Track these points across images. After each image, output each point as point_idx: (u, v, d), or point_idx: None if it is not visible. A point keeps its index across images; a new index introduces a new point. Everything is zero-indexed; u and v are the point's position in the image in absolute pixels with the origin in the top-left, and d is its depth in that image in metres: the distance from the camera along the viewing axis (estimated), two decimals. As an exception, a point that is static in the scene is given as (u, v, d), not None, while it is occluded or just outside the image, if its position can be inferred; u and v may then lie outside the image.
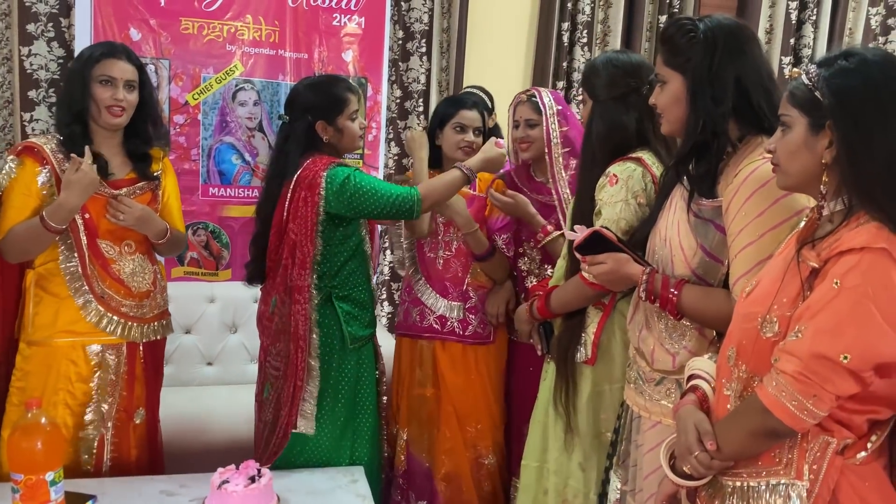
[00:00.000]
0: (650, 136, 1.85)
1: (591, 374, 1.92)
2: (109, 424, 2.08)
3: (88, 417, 2.04)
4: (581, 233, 1.67)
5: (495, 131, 2.48)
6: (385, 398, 2.37)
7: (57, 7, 3.02)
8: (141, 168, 2.13)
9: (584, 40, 3.59)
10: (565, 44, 3.57)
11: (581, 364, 1.93)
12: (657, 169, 1.81)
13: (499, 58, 3.60)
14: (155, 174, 2.17)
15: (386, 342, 2.58)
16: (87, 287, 2.02)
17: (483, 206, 2.42)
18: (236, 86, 3.15)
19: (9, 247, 1.96)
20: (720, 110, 1.47)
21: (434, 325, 2.42)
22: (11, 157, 2.00)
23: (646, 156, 1.83)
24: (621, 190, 1.79)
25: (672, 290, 1.52)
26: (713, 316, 1.48)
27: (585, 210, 1.87)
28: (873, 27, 3.90)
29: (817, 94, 1.17)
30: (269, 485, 1.88)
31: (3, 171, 1.97)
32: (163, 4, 3.02)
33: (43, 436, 1.59)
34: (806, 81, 1.20)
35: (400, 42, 3.42)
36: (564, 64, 3.59)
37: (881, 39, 3.92)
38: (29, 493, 1.57)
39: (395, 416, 2.49)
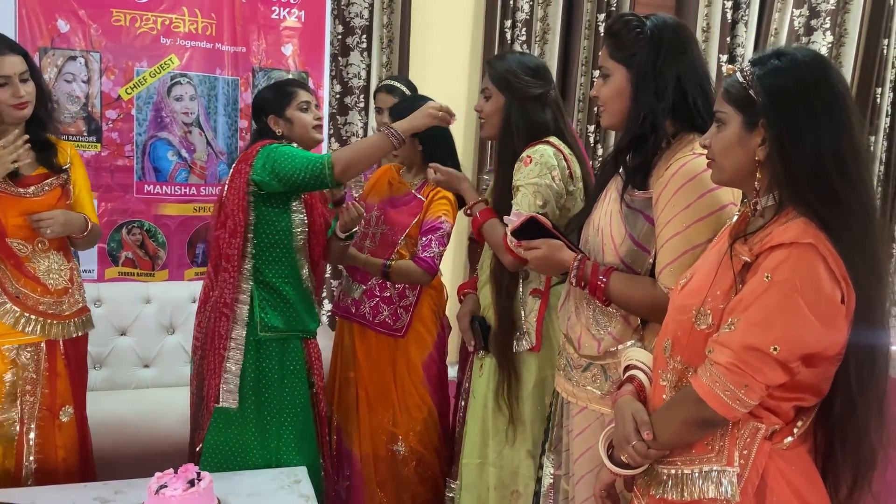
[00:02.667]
0: (565, 131, 2.00)
1: (536, 361, 1.98)
2: (33, 425, 2.03)
3: (4, 415, 1.99)
4: (518, 218, 1.70)
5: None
6: (319, 407, 2.33)
7: (-23, -4, 2.89)
8: (47, 158, 2.09)
9: (524, 38, 3.62)
10: (507, 41, 3.60)
11: (524, 353, 1.98)
12: (566, 150, 1.94)
13: (442, 54, 3.61)
14: (63, 167, 2.12)
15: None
16: None
17: (419, 208, 2.41)
18: (172, 80, 3.06)
19: None
20: (661, 105, 1.53)
21: (349, 307, 2.48)
22: None
23: (554, 139, 1.94)
24: (535, 167, 1.89)
25: (601, 276, 1.56)
26: (638, 302, 1.54)
27: (506, 198, 1.93)
28: (797, 28, 4.06)
29: (751, 92, 1.21)
30: (209, 488, 1.84)
31: None
32: (92, -5, 2.92)
33: (-34, 445, 1.52)
34: (740, 79, 1.23)
35: (340, 37, 3.39)
36: (506, 61, 3.62)
37: (804, 40, 4.08)
38: (-49, 505, 1.50)
39: (331, 397, 2.52)
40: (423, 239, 2.37)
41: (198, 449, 2.20)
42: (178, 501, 1.77)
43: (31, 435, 2.04)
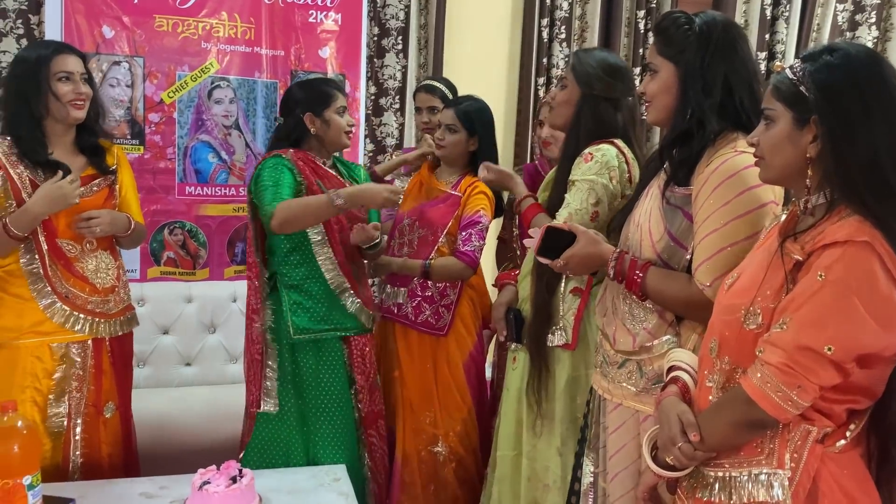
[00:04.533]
0: (633, 137, 1.98)
1: (570, 359, 1.97)
2: (79, 420, 2.08)
3: (53, 410, 2.04)
4: (536, 236, 1.69)
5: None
6: (363, 411, 2.34)
7: (26, 4, 2.96)
8: (97, 162, 2.14)
9: (563, 36, 3.61)
10: (545, 40, 3.59)
11: (558, 349, 1.98)
12: (629, 154, 1.92)
13: (478, 54, 3.60)
14: (111, 168, 2.17)
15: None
16: (49, 288, 2.02)
17: (456, 203, 2.42)
18: (212, 83, 3.11)
19: None
20: (708, 102, 1.53)
21: (391, 308, 2.49)
22: None
23: (619, 141, 1.92)
24: (595, 165, 1.87)
25: (637, 271, 1.56)
26: (673, 298, 1.54)
27: (565, 192, 1.93)
28: (840, 23, 3.96)
29: (802, 88, 1.19)
30: (250, 485, 1.86)
31: None
32: (136, 2, 2.98)
33: (19, 439, 1.56)
34: (791, 76, 1.21)
35: (376, 38, 3.41)
36: (544, 60, 3.60)
37: (848, 35, 3.98)
38: (6, 497, 1.54)
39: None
40: (463, 233, 2.38)
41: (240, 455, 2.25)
42: (221, 497, 1.80)
43: (78, 430, 2.08)
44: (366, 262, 2.42)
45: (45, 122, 2.03)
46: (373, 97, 3.44)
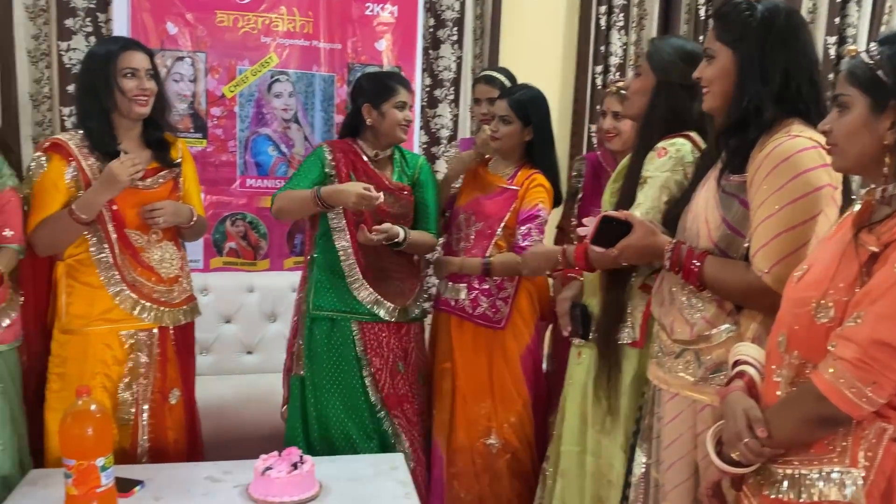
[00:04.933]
0: (708, 128, 1.87)
1: (637, 357, 1.94)
2: (146, 406, 2.14)
3: (124, 397, 2.11)
4: (591, 225, 1.67)
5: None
6: (382, 392, 2.37)
7: (94, 2, 3.06)
8: (162, 156, 2.20)
9: (621, 24, 3.54)
10: (602, 28, 3.53)
11: (626, 346, 1.94)
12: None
13: (533, 44, 3.57)
14: (175, 161, 2.23)
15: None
16: (118, 276, 2.08)
17: (513, 197, 2.41)
18: (272, 77, 3.16)
19: (38, 240, 2.03)
20: (766, 90, 1.50)
21: (448, 300, 2.50)
22: (38, 153, 2.06)
23: (694, 135, 1.86)
24: (668, 160, 1.82)
25: (695, 260, 1.54)
26: (732, 286, 1.52)
27: (635, 187, 1.88)
28: (915, 6, 3.79)
29: (880, 73, 1.15)
30: (311, 471, 1.90)
31: (32, 168, 2.04)
32: (198, -3, 3.05)
33: (93, 422, 1.63)
34: (867, 60, 1.17)
35: (431, 30, 3.41)
36: (602, 48, 3.55)
37: (923, 19, 3.81)
38: (81, 477, 1.61)
39: (429, 388, 2.57)
40: (523, 228, 2.38)
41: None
42: (283, 483, 1.84)
43: (145, 416, 2.15)
44: (412, 256, 2.47)
45: (113, 116, 2.09)
46: (428, 88, 3.44)
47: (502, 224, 2.40)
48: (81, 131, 2.09)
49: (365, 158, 2.37)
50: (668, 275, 1.66)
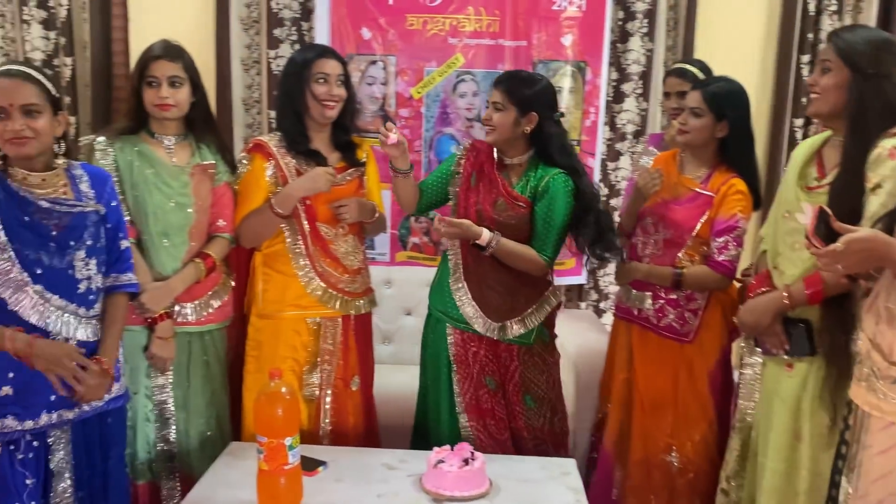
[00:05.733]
0: None
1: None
2: (329, 391, 2.28)
3: (308, 380, 2.25)
4: (811, 213, 1.50)
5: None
6: (464, 399, 2.28)
7: (300, 12, 3.29)
8: (349, 156, 2.31)
9: (833, 7, 3.21)
10: (811, 13, 3.22)
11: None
12: None
13: (733, 33, 3.34)
14: (361, 161, 2.34)
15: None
16: (310, 265, 2.23)
17: (708, 204, 2.23)
18: (457, 77, 3.22)
19: (243, 232, 2.23)
20: None
21: (631, 309, 2.37)
22: (243, 153, 2.26)
23: None
24: None
25: None
26: None
27: (854, 190, 1.67)
28: None
29: None
30: (482, 468, 1.91)
31: (238, 167, 2.25)
32: (391, 3, 3.16)
33: (283, 404, 1.75)
34: None
35: (620, 23, 3.29)
36: (810, 36, 3.24)
37: None
38: (271, 454, 1.73)
39: (607, 395, 2.48)
40: (719, 240, 2.20)
41: None
42: (454, 477, 1.87)
43: (328, 400, 2.29)
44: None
45: (306, 118, 2.23)
46: (614, 83, 3.34)
47: (693, 234, 2.23)
48: (280, 133, 2.26)
49: (495, 160, 2.27)
50: (886, 291, 1.48)
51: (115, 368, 1.82)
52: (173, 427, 2.17)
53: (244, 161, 2.24)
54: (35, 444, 1.72)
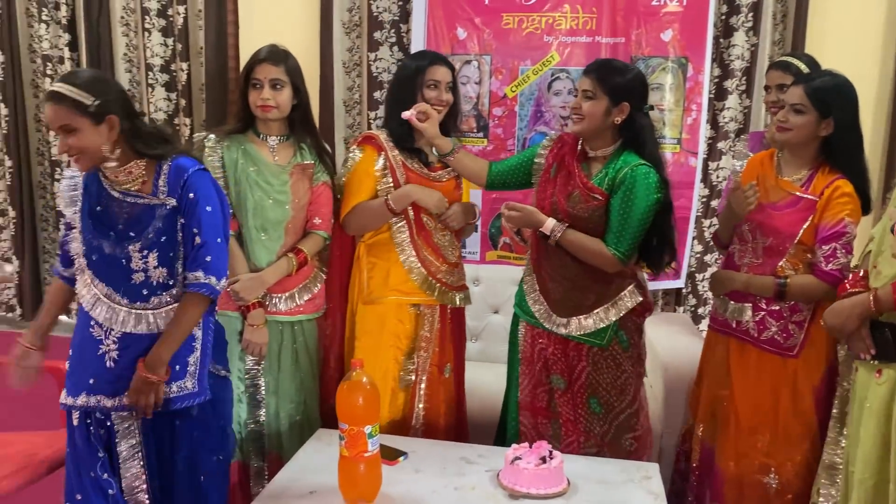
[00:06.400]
0: None
1: None
2: (424, 377, 2.36)
3: (406, 366, 2.34)
4: None
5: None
6: (521, 391, 2.29)
7: (398, 14, 3.38)
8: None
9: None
10: (939, 2, 3.00)
11: None
12: None
13: (846, 26, 3.15)
14: None
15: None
16: (414, 253, 2.32)
17: (811, 209, 2.09)
18: (552, 76, 3.21)
19: (352, 221, 2.33)
20: None
21: (728, 321, 2.25)
22: (354, 146, 2.36)
23: None
24: None
25: None
26: None
27: None
28: None
29: None
30: (559, 467, 1.90)
31: (349, 158, 2.35)
32: (486, 2, 3.20)
33: (364, 393, 1.80)
34: None
35: (723, 17, 3.18)
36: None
37: None
38: (351, 441, 1.79)
39: (695, 409, 2.39)
40: (825, 248, 2.05)
41: None
42: (531, 475, 1.87)
43: (422, 386, 2.37)
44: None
45: None
46: (716, 80, 3.23)
47: (795, 241, 2.10)
48: (387, 130, 2.34)
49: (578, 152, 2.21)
50: None
51: (174, 369, 1.81)
52: (263, 409, 2.31)
53: (355, 152, 2.33)
54: (104, 422, 1.84)
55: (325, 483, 1.89)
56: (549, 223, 2.12)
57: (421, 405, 2.36)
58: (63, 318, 2.04)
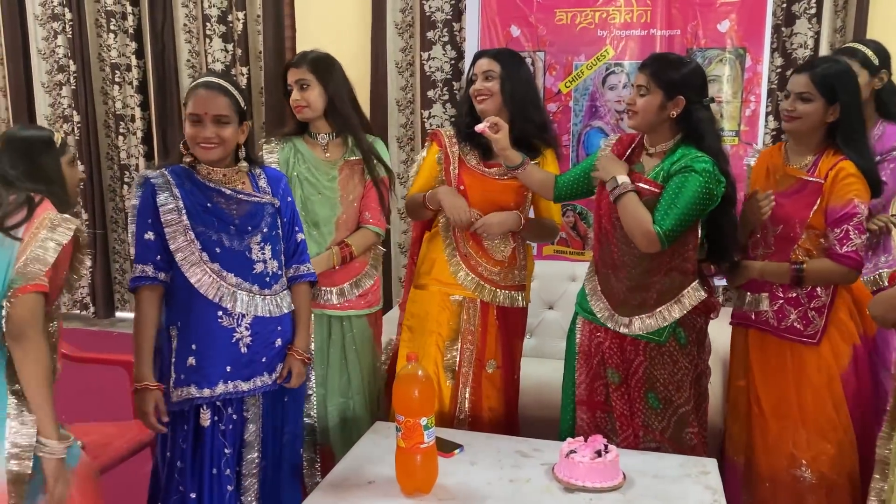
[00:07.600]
0: None
1: None
2: (467, 370, 2.37)
3: (448, 355, 2.36)
4: None
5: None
6: (578, 386, 2.26)
7: (451, 14, 3.41)
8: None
9: None
10: None
11: None
12: None
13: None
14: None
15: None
16: (455, 245, 2.37)
17: (817, 191, 2.06)
18: (606, 70, 3.19)
19: (407, 207, 2.47)
20: None
21: (747, 312, 2.23)
22: (427, 140, 2.46)
23: None
24: None
25: None
26: None
27: None
28: None
29: None
30: (615, 461, 1.89)
31: (423, 151, 2.47)
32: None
33: (419, 385, 1.83)
34: None
35: (784, 5, 3.10)
36: None
37: None
38: (407, 433, 1.82)
39: (725, 406, 2.38)
40: (837, 230, 2.03)
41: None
42: (586, 468, 1.87)
43: (468, 379, 2.37)
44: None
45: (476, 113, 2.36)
46: (778, 70, 3.16)
47: (805, 226, 2.07)
48: (453, 126, 2.43)
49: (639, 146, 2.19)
50: None
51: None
52: (314, 402, 2.36)
53: (426, 146, 2.46)
54: (235, 417, 1.95)
55: (382, 474, 1.92)
56: (623, 177, 2.05)
57: (466, 397, 2.38)
58: (123, 313, 2.13)
